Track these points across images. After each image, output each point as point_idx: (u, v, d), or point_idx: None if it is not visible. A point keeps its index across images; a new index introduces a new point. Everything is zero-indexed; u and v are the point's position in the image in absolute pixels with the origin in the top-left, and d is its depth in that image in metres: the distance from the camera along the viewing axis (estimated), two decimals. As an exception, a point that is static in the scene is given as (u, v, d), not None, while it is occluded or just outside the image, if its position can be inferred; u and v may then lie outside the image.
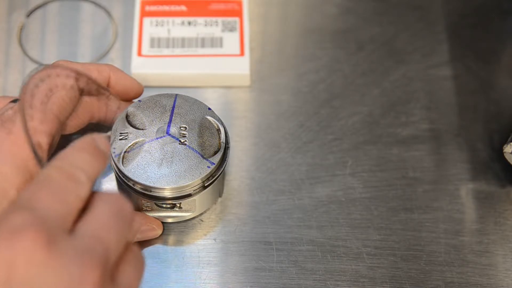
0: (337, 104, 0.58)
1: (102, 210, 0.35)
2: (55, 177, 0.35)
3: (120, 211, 0.35)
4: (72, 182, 0.35)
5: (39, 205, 0.33)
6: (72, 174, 0.35)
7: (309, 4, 0.64)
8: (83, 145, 0.37)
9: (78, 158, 0.36)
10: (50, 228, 0.32)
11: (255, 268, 0.50)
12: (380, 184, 0.54)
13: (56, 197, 0.34)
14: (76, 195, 0.35)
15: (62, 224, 0.33)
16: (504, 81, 0.60)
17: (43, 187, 0.34)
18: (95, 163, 0.37)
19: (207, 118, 0.49)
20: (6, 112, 0.45)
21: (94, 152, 0.37)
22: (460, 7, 0.64)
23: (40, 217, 0.32)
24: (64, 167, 0.35)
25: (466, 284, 0.50)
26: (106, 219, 0.35)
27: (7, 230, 0.32)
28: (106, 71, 0.49)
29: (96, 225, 0.34)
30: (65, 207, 0.34)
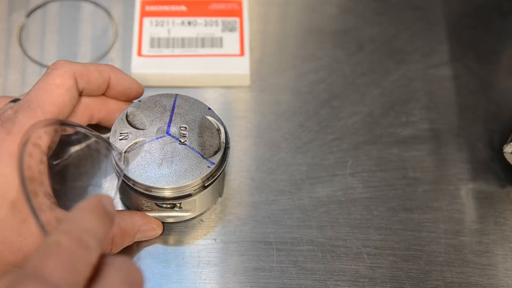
0: (337, 104, 0.58)
1: (112, 277, 0.34)
2: (65, 244, 0.33)
3: (130, 277, 0.34)
4: (82, 248, 0.33)
5: (49, 274, 0.32)
6: (81, 239, 0.34)
7: (309, 4, 0.64)
8: (91, 207, 0.35)
9: (87, 222, 0.35)
10: None
11: (255, 268, 0.50)
12: (380, 184, 0.54)
13: (66, 266, 0.32)
14: (86, 262, 0.33)
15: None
16: (504, 81, 0.60)
17: (53, 254, 0.33)
18: (103, 226, 0.35)
19: (207, 118, 0.49)
20: (6, 112, 0.45)
21: (102, 214, 0.36)
22: (460, 7, 0.64)
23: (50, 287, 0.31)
24: (73, 232, 0.34)
25: (466, 284, 0.50)
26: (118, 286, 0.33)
27: None
28: (106, 72, 0.49)
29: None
30: (75, 277, 0.32)
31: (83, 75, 0.48)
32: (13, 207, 0.43)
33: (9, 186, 0.43)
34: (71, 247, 0.33)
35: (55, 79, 0.46)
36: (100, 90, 0.50)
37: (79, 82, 0.48)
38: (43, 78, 0.47)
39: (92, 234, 0.34)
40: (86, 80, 0.48)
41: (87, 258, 0.33)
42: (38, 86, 0.46)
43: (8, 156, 0.43)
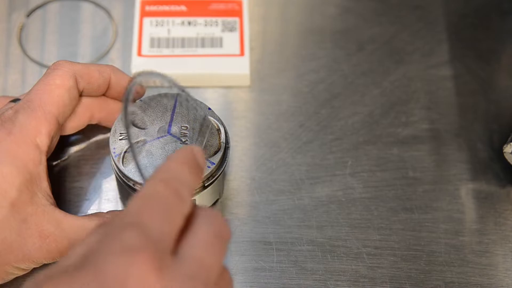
0: (337, 104, 0.58)
1: (204, 232, 0.34)
2: (163, 193, 0.34)
3: (220, 231, 0.35)
4: (178, 199, 0.34)
5: (149, 223, 0.32)
6: (177, 189, 0.34)
7: (309, 4, 0.64)
8: (185, 158, 0.36)
9: (182, 173, 0.35)
10: (160, 251, 0.32)
11: (255, 268, 0.50)
12: (380, 184, 0.54)
13: (164, 215, 0.33)
14: (181, 213, 0.34)
15: (168, 245, 0.33)
16: (504, 81, 0.60)
17: (151, 202, 0.33)
18: (195, 178, 0.36)
19: (207, 118, 0.49)
20: (6, 112, 0.45)
21: (195, 166, 0.36)
22: (460, 7, 0.64)
23: (150, 237, 0.32)
24: (170, 181, 0.34)
25: (466, 284, 0.50)
26: (209, 242, 0.34)
27: (119, 247, 0.31)
28: (106, 72, 0.49)
29: (199, 247, 0.33)
30: (172, 227, 0.33)
31: (83, 75, 0.48)
32: (13, 207, 0.43)
33: (9, 186, 0.43)
34: (168, 196, 0.34)
35: (56, 79, 0.46)
36: (101, 90, 0.50)
37: (79, 82, 0.48)
38: (43, 78, 0.47)
39: (186, 185, 0.35)
40: (87, 80, 0.48)
41: (182, 208, 0.34)
42: (38, 86, 0.46)
43: (8, 156, 0.43)
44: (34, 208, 0.44)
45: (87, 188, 0.53)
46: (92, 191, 0.53)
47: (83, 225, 0.44)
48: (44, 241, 0.43)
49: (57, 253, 0.44)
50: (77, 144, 0.55)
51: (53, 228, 0.44)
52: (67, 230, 0.44)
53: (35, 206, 0.44)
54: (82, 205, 0.52)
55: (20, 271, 0.45)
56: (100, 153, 0.54)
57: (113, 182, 0.53)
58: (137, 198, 0.34)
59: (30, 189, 0.44)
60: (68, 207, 0.52)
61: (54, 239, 0.44)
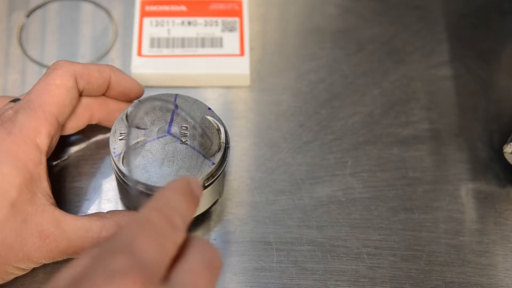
0: (337, 104, 0.58)
1: (196, 259, 0.34)
2: (155, 221, 0.33)
3: (212, 260, 0.35)
4: (171, 227, 0.34)
5: (140, 249, 0.32)
6: (170, 218, 0.34)
7: (309, 4, 0.64)
8: (180, 187, 0.36)
9: (176, 201, 0.35)
10: (148, 277, 0.31)
11: (255, 268, 0.50)
12: (380, 184, 0.54)
13: (155, 243, 0.33)
14: (174, 241, 0.34)
15: (158, 272, 0.32)
16: (504, 81, 0.60)
17: (143, 230, 0.33)
18: (190, 208, 0.36)
19: (207, 118, 0.49)
20: (6, 112, 0.45)
21: (190, 195, 0.36)
22: (460, 7, 0.64)
23: (139, 263, 0.31)
24: (163, 209, 0.34)
25: (466, 284, 0.50)
26: (200, 269, 0.34)
27: (108, 272, 0.31)
28: (106, 72, 0.49)
29: (191, 275, 0.33)
30: (163, 254, 0.33)
31: (83, 75, 0.48)
32: (13, 207, 0.43)
33: (9, 186, 0.43)
34: (161, 225, 0.33)
35: (56, 79, 0.46)
36: (100, 90, 0.50)
37: (79, 82, 0.48)
38: (43, 78, 0.47)
39: (180, 214, 0.35)
40: (86, 80, 0.48)
41: (175, 237, 0.34)
42: (39, 86, 0.46)
43: (8, 156, 0.43)
44: (34, 208, 0.44)
45: (87, 188, 0.53)
46: (92, 191, 0.53)
47: (83, 225, 0.44)
48: (44, 241, 0.43)
49: (57, 253, 0.44)
50: (77, 144, 0.55)
51: (53, 228, 0.44)
52: (67, 230, 0.44)
53: (35, 206, 0.44)
54: (82, 205, 0.52)
55: (20, 271, 0.45)
56: (100, 153, 0.54)
57: (113, 182, 0.53)
58: (129, 224, 0.34)
59: (30, 189, 0.44)
60: (68, 207, 0.52)
61: (54, 239, 0.44)
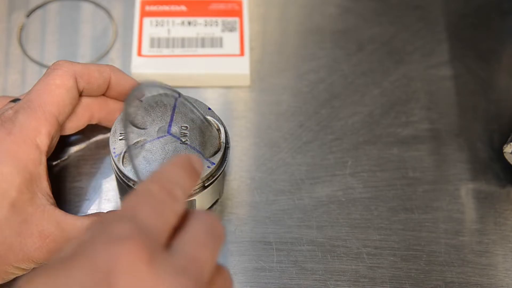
0: (337, 104, 0.58)
1: (197, 229, 0.34)
2: (155, 191, 0.34)
3: (214, 229, 0.35)
4: (171, 197, 0.34)
5: (141, 217, 0.33)
6: (170, 189, 0.35)
7: (309, 4, 0.64)
8: (180, 162, 0.37)
9: (176, 174, 0.36)
10: (151, 242, 0.32)
11: (255, 268, 0.50)
12: (380, 184, 0.54)
13: (156, 211, 0.33)
14: (174, 211, 0.34)
15: (160, 239, 0.33)
16: (504, 81, 0.60)
17: (144, 200, 0.34)
18: (190, 181, 0.36)
19: (207, 118, 0.49)
20: (6, 112, 0.45)
21: (190, 169, 0.37)
22: (460, 7, 0.64)
23: (142, 229, 0.32)
24: (163, 181, 0.35)
25: (466, 284, 0.50)
26: (201, 238, 0.34)
27: (109, 237, 0.31)
28: (106, 72, 0.49)
29: (192, 243, 0.34)
30: (164, 222, 0.33)
31: (83, 75, 0.48)
32: (13, 207, 0.43)
33: (9, 186, 0.43)
34: (161, 195, 0.34)
35: (56, 79, 0.46)
36: (101, 90, 0.50)
37: (79, 82, 0.48)
38: (43, 78, 0.47)
39: (180, 186, 0.35)
40: (87, 80, 0.48)
41: (175, 207, 0.34)
42: (39, 86, 0.46)
43: (8, 156, 0.43)
44: (34, 208, 0.44)
45: (87, 188, 0.53)
46: (92, 191, 0.53)
47: (83, 225, 0.44)
48: (44, 241, 0.43)
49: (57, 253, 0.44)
50: (77, 144, 0.55)
51: (53, 228, 0.44)
52: (67, 230, 0.44)
53: (35, 206, 0.44)
54: (82, 205, 0.52)
55: (20, 271, 0.45)
56: (100, 153, 0.54)
57: (113, 182, 0.53)
58: (130, 196, 0.34)
59: (30, 189, 0.44)
60: (68, 207, 0.52)
61: (54, 239, 0.44)
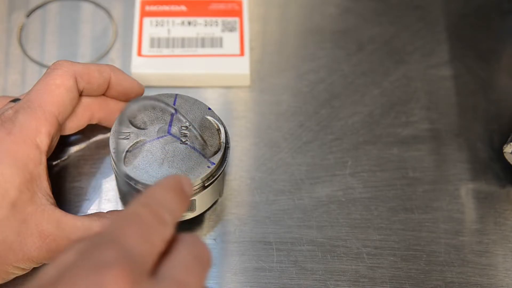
0: (337, 104, 0.58)
1: (184, 254, 0.34)
2: (143, 215, 0.33)
3: (201, 255, 0.34)
4: (159, 222, 0.34)
5: (127, 242, 0.32)
6: (159, 214, 0.34)
7: (309, 4, 0.64)
8: (170, 185, 0.36)
9: (165, 198, 0.35)
10: (136, 269, 0.31)
11: (255, 268, 0.50)
12: (380, 184, 0.54)
13: (143, 236, 0.33)
14: (162, 237, 0.34)
15: (146, 265, 0.32)
16: (504, 81, 0.60)
17: (131, 223, 0.33)
18: (179, 205, 0.36)
19: (207, 118, 0.49)
20: (6, 112, 0.45)
21: (180, 193, 0.36)
22: (460, 7, 0.64)
23: (127, 255, 0.31)
24: (151, 205, 0.34)
25: (466, 284, 0.50)
26: (188, 263, 0.34)
27: (94, 263, 0.31)
28: (106, 72, 0.49)
29: (179, 269, 0.33)
30: (150, 248, 0.33)
31: (83, 75, 0.48)
32: (13, 207, 0.43)
33: (9, 186, 0.43)
34: (149, 219, 0.33)
35: (56, 79, 0.46)
36: (101, 90, 0.50)
37: (79, 82, 0.48)
38: (43, 78, 0.47)
39: (169, 211, 0.35)
40: (87, 80, 0.48)
41: (163, 232, 0.34)
42: (39, 86, 0.46)
43: (8, 156, 0.43)
44: (34, 208, 0.44)
45: (87, 188, 0.53)
46: (92, 191, 0.53)
47: (83, 225, 0.44)
48: (44, 241, 0.43)
49: (57, 253, 0.44)
50: (77, 144, 0.55)
51: (53, 228, 0.44)
52: (67, 230, 0.44)
53: (35, 206, 0.44)
54: (82, 205, 0.52)
55: (20, 270, 0.45)
56: (100, 153, 0.54)
57: (113, 182, 0.53)
58: (117, 219, 0.33)
59: (30, 189, 0.44)
60: (68, 207, 0.52)
61: (54, 239, 0.44)
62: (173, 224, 0.35)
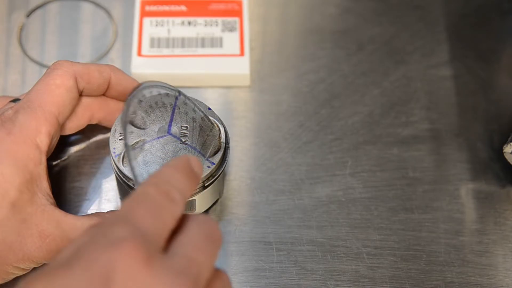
0: (337, 104, 0.58)
1: (195, 232, 0.34)
2: (153, 194, 0.34)
3: (211, 233, 0.35)
4: (168, 200, 0.34)
5: (138, 220, 0.33)
6: (168, 192, 0.34)
7: (309, 4, 0.64)
8: (179, 165, 0.36)
9: (174, 177, 0.36)
10: (149, 245, 0.32)
11: (255, 268, 0.50)
12: (380, 184, 0.54)
13: (153, 214, 0.33)
14: (172, 214, 0.34)
15: (158, 242, 0.33)
16: (504, 81, 0.60)
17: (141, 202, 0.34)
18: (189, 184, 0.36)
19: (208, 117, 0.49)
20: (6, 112, 0.45)
21: (189, 172, 0.36)
22: (460, 7, 0.64)
23: (139, 232, 0.32)
24: (160, 184, 0.35)
25: (466, 284, 0.50)
26: (199, 241, 0.34)
27: (107, 240, 0.31)
28: (106, 72, 0.49)
29: (190, 246, 0.34)
30: (161, 225, 0.33)
31: (83, 75, 0.48)
32: (13, 207, 0.43)
33: (9, 186, 0.43)
34: (159, 198, 0.34)
35: (56, 79, 0.46)
36: (101, 90, 0.50)
37: (79, 82, 0.48)
38: (43, 78, 0.47)
39: (178, 190, 0.35)
40: (87, 80, 0.48)
41: (173, 210, 0.34)
42: (39, 86, 0.46)
43: (8, 156, 0.43)
44: (34, 208, 0.44)
45: (87, 188, 0.53)
46: (92, 191, 0.53)
47: (83, 225, 0.44)
48: (44, 241, 0.43)
49: (57, 253, 0.44)
50: (77, 144, 0.55)
51: (53, 228, 0.44)
52: (67, 230, 0.44)
53: (35, 206, 0.44)
54: (82, 205, 0.52)
55: (20, 271, 0.45)
56: (100, 153, 0.54)
57: (113, 182, 0.53)
58: (128, 199, 0.34)
59: (30, 189, 0.44)
60: (68, 207, 0.52)
61: (54, 239, 0.44)
62: (183, 202, 0.35)
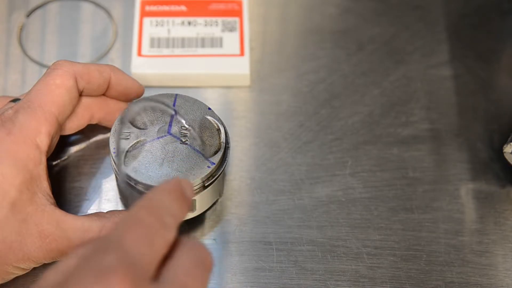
0: (337, 104, 0.58)
1: (186, 258, 0.34)
2: (145, 219, 0.33)
3: (203, 259, 0.35)
4: (161, 225, 0.34)
5: (128, 247, 0.32)
6: (160, 217, 0.34)
7: (309, 4, 0.64)
8: (171, 188, 0.36)
9: (166, 202, 0.35)
10: (138, 273, 0.31)
11: (255, 268, 0.50)
12: (380, 184, 0.54)
13: (145, 240, 0.33)
14: (164, 240, 0.34)
15: (148, 270, 0.32)
16: (504, 81, 0.60)
17: (133, 228, 0.33)
18: (181, 209, 0.36)
19: (207, 118, 0.49)
20: (6, 112, 0.45)
21: (181, 197, 0.36)
22: (460, 7, 0.64)
23: (129, 260, 0.31)
24: (153, 209, 0.34)
25: (466, 284, 0.50)
26: (191, 268, 0.34)
27: (96, 269, 0.31)
28: (106, 72, 0.49)
29: (181, 273, 0.33)
30: (152, 252, 0.33)
31: (83, 75, 0.48)
32: (13, 207, 0.43)
33: (9, 186, 0.43)
34: (151, 223, 0.33)
35: (56, 79, 0.46)
36: (101, 90, 0.50)
37: (79, 82, 0.48)
38: (43, 78, 0.47)
39: (170, 213, 0.35)
40: (87, 80, 0.48)
41: (165, 236, 0.34)
42: (39, 86, 0.46)
43: (8, 156, 0.43)
44: (34, 208, 0.44)
45: (87, 188, 0.53)
46: (92, 191, 0.53)
47: (83, 225, 0.44)
48: (44, 241, 0.43)
49: (57, 253, 0.44)
50: (77, 144, 0.55)
51: (53, 228, 0.44)
52: (67, 230, 0.44)
53: (35, 206, 0.44)
54: (82, 205, 0.52)
55: (20, 270, 0.45)
56: (100, 153, 0.54)
57: (113, 182, 0.53)
58: (119, 224, 0.34)
59: (30, 189, 0.44)
60: (68, 207, 0.52)
61: (54, 238, 0.44)
62: (175, 227, 0.35)
